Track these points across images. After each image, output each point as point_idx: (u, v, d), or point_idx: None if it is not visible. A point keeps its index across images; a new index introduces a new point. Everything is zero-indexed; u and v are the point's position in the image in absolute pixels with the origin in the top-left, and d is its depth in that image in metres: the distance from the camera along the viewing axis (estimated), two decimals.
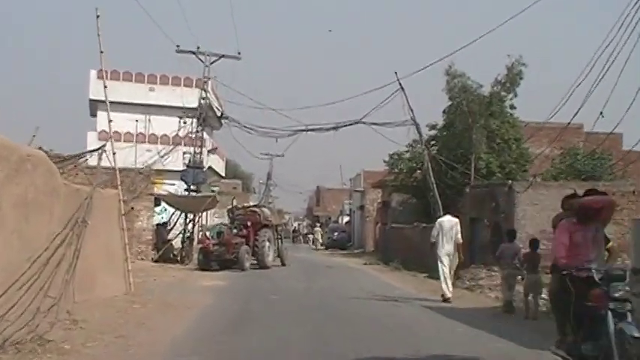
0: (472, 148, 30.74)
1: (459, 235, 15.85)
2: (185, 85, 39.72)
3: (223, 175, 49.31)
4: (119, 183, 16.05)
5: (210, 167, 42.16)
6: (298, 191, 79.26)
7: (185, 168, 28.86)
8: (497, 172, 31.53)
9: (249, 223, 25.29)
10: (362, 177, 50.97)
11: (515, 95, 31.90)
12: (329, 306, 14.41)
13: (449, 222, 15.90)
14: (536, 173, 28.81)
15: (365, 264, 31.72)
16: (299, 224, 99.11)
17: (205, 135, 43.59)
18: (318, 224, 63.87)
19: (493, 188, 24.04)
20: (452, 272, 15.98)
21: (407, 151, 35.73)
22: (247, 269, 23.95)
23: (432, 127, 34.47)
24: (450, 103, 33.00)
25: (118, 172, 15.91)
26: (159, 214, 34.30)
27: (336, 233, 52.07)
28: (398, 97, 27.38)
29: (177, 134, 29.49)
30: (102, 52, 15.43)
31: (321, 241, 55.09)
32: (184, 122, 29.02)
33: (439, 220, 16.38)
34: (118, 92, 39.49)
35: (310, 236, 65.73)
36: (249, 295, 16.45)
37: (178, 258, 27.45)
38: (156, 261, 26.08)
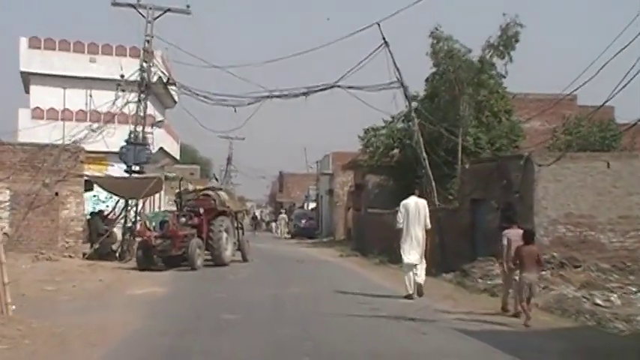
0: (459, 122, 25.83)
1: (428, 220, 13.42)
2: (131, 56, 33.77)
3: (177, 158, 43.47)
4: None
5: (161, 149, 36.44)
6: (261, 176, 73.68)
7: (124, 145, 23.21)
8: (486, 147, 26.81)
9: (201, 210, 19.87)
10: (330, 158, 45.70)
11: (511, 60, 26.86)
12: (313, 336, 9.06)
13: (415, 204, 13.38)
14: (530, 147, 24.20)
15: (340, 256, 26.54)
16: (261, 211, 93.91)
17: (156, 113, 38.07)
18: (282, 211, 58.56)
19: (504, 162, 18.99)
20: (422, 259, 13.25)
21: (384, 127, 30.85)
22: (199, 267, 18.61)
23: (413, 97, 29.37)
24: (433, 70, 28.14)
25: None
26: (104, 201, 28.87)
27: (303, 220, 46.64)
28: (381, 59, 22.20)
29: (114, 103, 23.81)
30: None
31: (287, 229, 49.69)
32: (122, 90, 23.40)
33: (403, 202, 13.53)
34: (53, 64, 34.06)
35: (273, 224, 60.48)
36: (194, 312, 11.09)
37: (117, 254, 21.92)
38: (88, 258, 20.60)
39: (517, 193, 17.86)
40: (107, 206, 26.16)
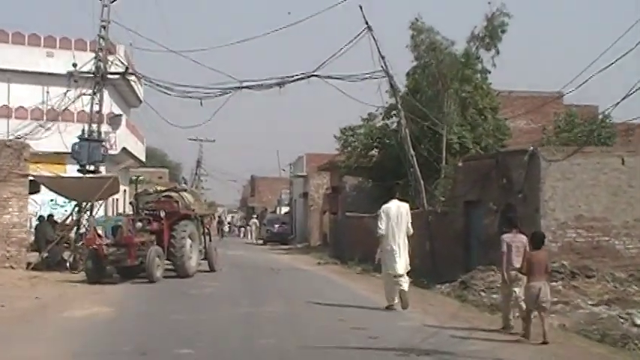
0: (443, 119, 23.65)
1: (410, 225, 12.15)
2: (92, 50, 30.87)
3: (143, 160, 40.47)
4: None
5: (124, 149, 33.52)
6: (232, 179, 70.79)
7: (78, 141, 20.42)
8: (471, 147, 24.82)
9: (162, 214, 17.21)
10: (304, 160, 43.20)
11: (498, 53, 24.70)
12: None
13: (397, 208, 12.14)
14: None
15: (318, 264, 24.02)
16: (232, 217, 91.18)
17: (117, 110, 35.18)
18: (254, 216, 55.90)
19: (503, 158, 16.67)
20: (405, 267, 11.89)
21: (362, 126, 28.61)
22: (159, 279, 15.97)
23: (392, 92, 27.05)
24: (414, 63, 25.95)
25: None
26: (62, 205, 25.90)
27: (276, 225, 43.79)
28: (364, 48, 19.78)
29: (65, 95, 20.99)
30: None
31: (258, 234, 46.88)
32: (75, 81, 20.64)
33: (384, 206, 12.25)
34: (5, 58, 31.02)
35: (245, 228, 57.85)
36: (139, 344, 8.41)
37: (68, 264, 19.13)
38: (34, 268, 17.85)
39: (520, 193, 15.59)
40: (66, 211, 23.36)
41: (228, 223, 78.40)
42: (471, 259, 17.42)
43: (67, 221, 20.90)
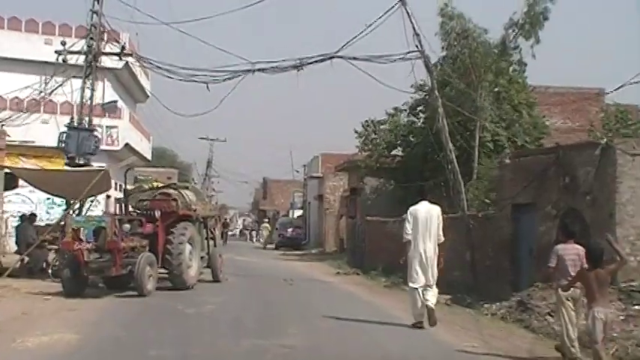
0: (477, 115, 20.82)
1: (441, 231, 10.60)
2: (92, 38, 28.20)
3: (149, 158, 37.67)
4: None
5: (127, 145, 30.80)
6: (243, 181, 68.02)
7: (66, 130, 17.62)
8: (506, 146, 21.99)
9: (157, 214, 14.34)
10: (319, 161, 40.31)
11: (538, 41, 21.73)
12: None
13: (426, 212, 10.66)
14: None
15: (338, 274, 21.07)
16: (244, 219, 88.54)
17: (122, 104, 32.51)
18: (266, 220, 53.09)
19: (566, 153, 13.67)
20: (433, 279, 10.43)
21: (385, 121, 25.87)
22: (150, 292, 13.12)
23: (419, 87, 24.38)
24: (443, 54, 23.06)
25: None
26: (60, 205, 23.18)
27: (289, 229, 40.83)
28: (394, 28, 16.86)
29: (52, 77, 18.24)
30: None
31: (269, 239, 43.93)
32: (64, 61, 17.90)
33: (412, 208, 10.85)
34: (1, 45, 28.45)
35: (256, 232, 55.13)
36: None
37: (50, 270, 16.36)
38: (11, 275, 15.07)
39: (588, 195, 12.64)
40: (63, 210, 20.68)
41: (241, 228, 75.73)
42: (521, 273, 14.58)
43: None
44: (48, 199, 24.08)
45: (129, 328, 9.55)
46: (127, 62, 30.40)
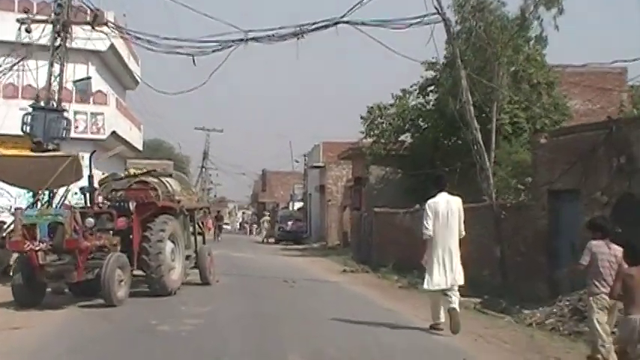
0: (493, 95, 18.58)
1: (462, 225, 9.36)
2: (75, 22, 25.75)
3: (140, 149, 35.26)
4: None
5: (114, 133, 28.43)
6: (241, 172, 65.56)
7: (31, 111, 15.20)
8: (525, 129, 20.28)
9: (131, 206, 11.92)
10: (321, 150, 37.94)
11: (561, 12, 19.33)
12: None
13: (446, 204, 9.32)
14: None
15: (344, 271, 18.69)
16: (243, 212, 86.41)
17: (111, 92, 30.08)
18: (266, 213, 50.84)
19: (620, 129, 11.28)
20: (460, 277, 9.20)
21: (392, 105, 23.62)
22: (121, 301, 10.73)
23: (431, 65, 22.18)
24: (458, 28, 20.73)
25: None
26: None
27: (290, 222, 38.43)
28: None
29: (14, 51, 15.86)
30: None
31: (269, 233, 41.55)
32: (27, 31, 15.48)
33: (431, 201, 9.43)
34: None
35: (256, 225, 52.98)
36: None
37: (12, 273, 13.93)
38: None
39: None
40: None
41: (241, 221, 73.39)
42: (560, 270, 12.22)
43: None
44: (29, 191, 21.81)
45: (78, 356, 7.13)
46: (112, 44, 28.12)
